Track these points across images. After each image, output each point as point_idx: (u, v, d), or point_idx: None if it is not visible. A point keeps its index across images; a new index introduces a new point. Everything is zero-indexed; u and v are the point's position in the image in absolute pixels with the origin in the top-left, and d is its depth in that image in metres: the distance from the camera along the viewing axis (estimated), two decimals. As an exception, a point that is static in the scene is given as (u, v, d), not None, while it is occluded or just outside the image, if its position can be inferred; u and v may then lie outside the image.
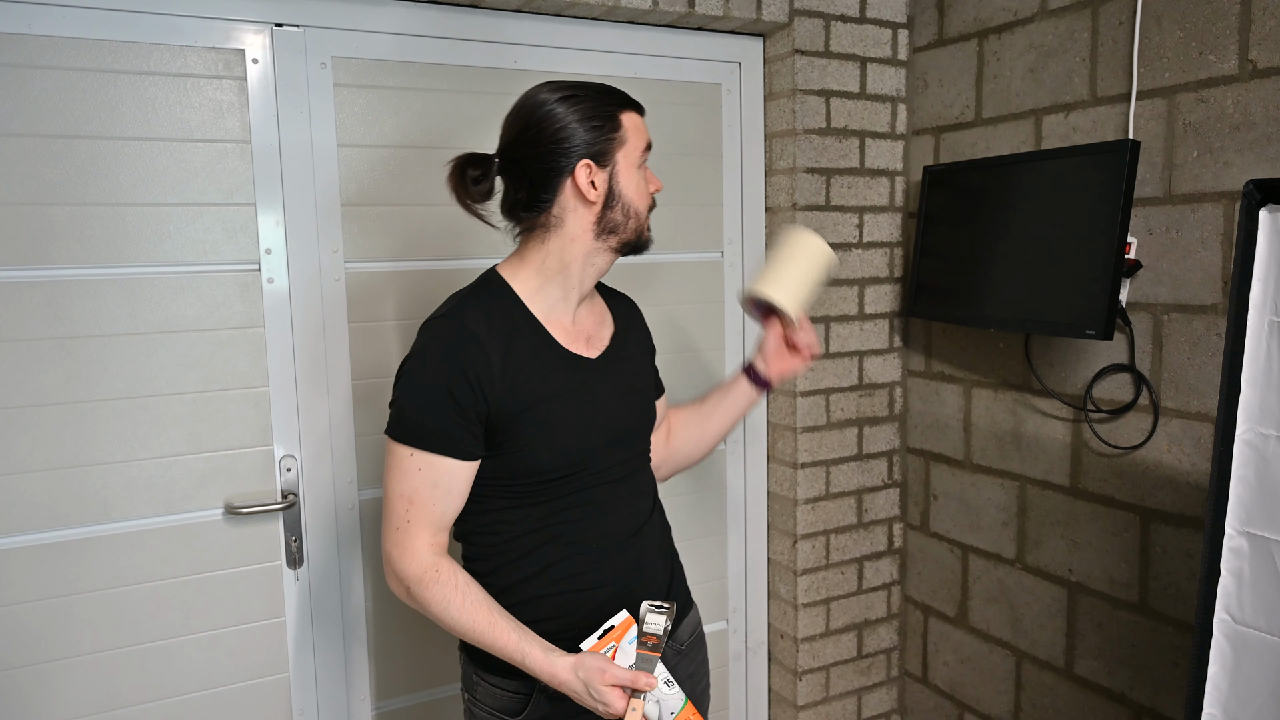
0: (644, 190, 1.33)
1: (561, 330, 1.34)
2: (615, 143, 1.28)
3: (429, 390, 1.23)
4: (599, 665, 1.19)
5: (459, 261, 2.00)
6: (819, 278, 1.48)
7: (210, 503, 1.80)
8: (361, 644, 1.98)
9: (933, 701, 2.48)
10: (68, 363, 1.67)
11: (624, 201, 1.30)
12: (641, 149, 1.32)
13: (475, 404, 1.23)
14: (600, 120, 1.28)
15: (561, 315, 1.35)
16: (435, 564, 1.25)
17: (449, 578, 1.25)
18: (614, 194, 1.29)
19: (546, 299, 1.33)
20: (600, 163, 1.28)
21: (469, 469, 1.27)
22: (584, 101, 1.28)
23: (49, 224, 1.64)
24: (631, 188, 1.31)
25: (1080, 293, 1.82)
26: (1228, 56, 1.67)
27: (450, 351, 1.23)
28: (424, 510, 1.25)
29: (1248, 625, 1.19)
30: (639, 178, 1.32)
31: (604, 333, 1.41)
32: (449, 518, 1.29)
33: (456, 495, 1.27)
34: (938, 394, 2.38)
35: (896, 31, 2.35)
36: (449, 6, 1.94)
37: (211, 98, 1.75)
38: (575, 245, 1.31)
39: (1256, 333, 1.18)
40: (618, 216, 1.31)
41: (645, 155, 1.33)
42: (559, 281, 1.33)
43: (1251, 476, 1.18)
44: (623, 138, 1.29)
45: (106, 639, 1.73)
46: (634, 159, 1.31)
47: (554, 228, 1.31)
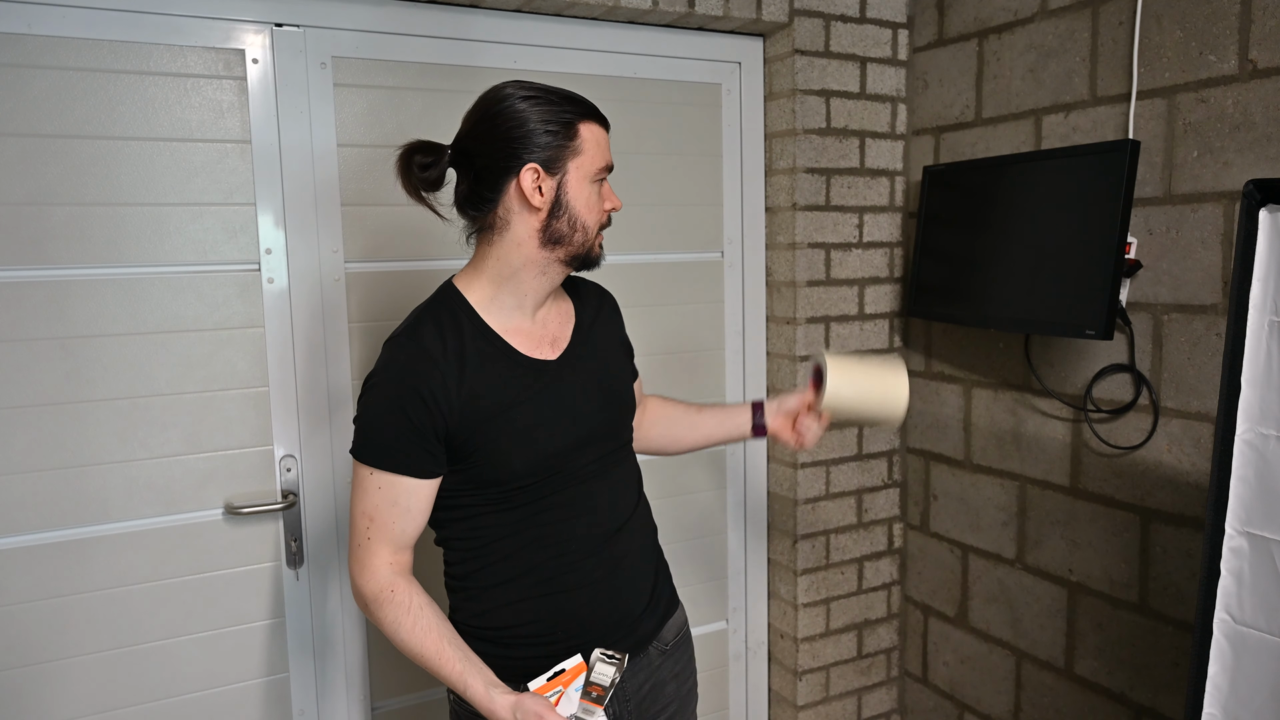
0: (595, 206, 1.28)
1: (521, 336, 1.32)
2: (568, 151, 1.24)
3: (386, 411, 1.23)
4: (537, 710, 1.17)
5: (459, 261, 1.99)
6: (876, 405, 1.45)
7: (210, 503, 1.80)
8: (361, 644, 1.98)
9: (933, 701, 2.48)
10: (68, 363, 1.67)
11: (571, 213, 1.26)
12: (599, 165, 1.27)
13: (432, 423, 1.22)
14: (556, 126, 1.24)
15: (520, 321, 1.33)
16: (392, 584, 1.26)
17: (403, 599, 1.25)
18: (560, 203, 1.25)
19: (502, 306, 1.31)
20: (550, 169, 1.24)
21: (429, 486, 1.27)
22: (544, 104, 1.24)
23: (49, 224, 1.64)
24: (581, 201, 1.26)
25: (1080, 293, 1.82)
26: (1228, 56, 1.67)
27: (405, 372, 1.23)
28: (383, 528, 1.26)
29: (1248, 625, 1.19)
30: (591, 192, 1.27)
31: (565, 331, 1.38)
32: (409, 536, 1.28)
33: (416, 513, 1.27)
34: (938, 394, 2.38)
35: (896, 31, 2.35)
36: (449, 6, 1.94)
37: (211, 98, 1.75)
38: (521, 251, 1.28)
39: (1256, 333, 1.18)
40: (563, 227, 1.26)
41: (603, 173, 1.29)
42: (511, 289, 1.30)
43: (1251, 476, 1.18)
44: (578, 148, 1.25)
45: (106, 639, 1.73)
46: (587, 172, 1.26)
47: (499, 230, 1.28)
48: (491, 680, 1.23)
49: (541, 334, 1.35)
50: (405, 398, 1.22)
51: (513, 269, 1.29)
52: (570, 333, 1.38)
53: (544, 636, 1.31)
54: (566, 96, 1.27)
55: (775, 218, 2.34)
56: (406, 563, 1.30)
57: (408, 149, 1.30)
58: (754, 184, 2.35)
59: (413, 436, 1.22)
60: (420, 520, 1.29)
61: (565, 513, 1.32)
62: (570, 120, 1.24)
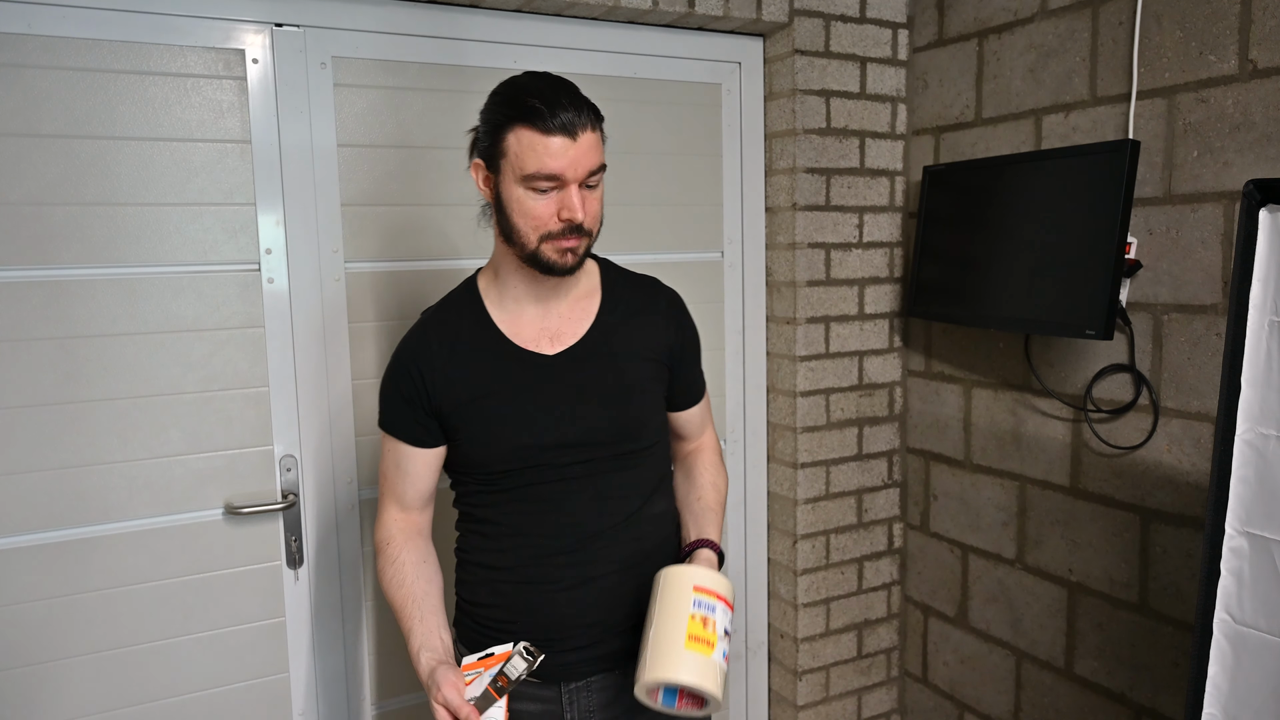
0: (531, 212, 1.22)
1: (520, 326, 1.33)
2: (498, 152, 1.22)
3: (388, 383, 1.36)
4: (444, 681, 1.21)
5: (459, 261, 2.00)
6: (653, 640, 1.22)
7: (210, 503, 1.80)
8: (361, 644, 1.98)
9: (933, 701, 2.48)
10: (68, 363, 1.67)
11: (508, 215, 1.24)
12: (528, 171, 1.19)
13: (420, 398, 1.32)
14: (489, 125, 1.24)
15: (521, 311, 1.34)
16: (389, 537, 1.38)
17: (393, 553, 1.37)
18: (500, 202, 1.25)
19: (502, 295, 1.34)
20: (489, 166, 1.25)
21: (425, 455, 1.36)
22: (497, 101, 1.24)
23: (49, 224, 1.64)
24: (514, 205, 1.23)
25: (1080, 293, 1.82)
26: (1228, 56, 1.67)
27: (406, 348, 1.35)
28: (390, 487, 1.39)
29: (1248, 625, 1.19)
30: (523, 197, 1.22)
31: (577, 329, 1.35)
32: (410, 498, 1.38)
33: (415, 479, 1.37)
34: (938, 394, 2.38)
35: (896, 31, 2.35)
36: (449, 6, 1.94)
37: (211, 98, 1.75)
38: (498, 244, 1.31)
39: (1256, 333, 1.18)
40: (505, 227, 1.26)
41: (543, 181, 1.20)
42: (502, 279, 1.34)
43: (1251, 476, 1.18)
44: (504, 150, 1.21)
45: (106, 639, 1.73)
46: (514, 177, 1.21)
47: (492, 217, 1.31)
48: (427, 643, 1.28)
49: (540, 328, 1.34)
50: (399, 373, 1.34)
51: (498, 260, 1.34)
52: (584, 330, 1.35)
53: (507, 623, 1.34)
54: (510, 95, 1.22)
55: (775, 218, 2.34)
56: (416, 523, 1.41)
57: None
58: (754, 184, 2.35)
59: (406, 408, 1.33)
60: (421, 486, 1.38)
61: (542, 507, 1.33)
62: (500, 123, 1.21)
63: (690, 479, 1.52)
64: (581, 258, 1.28)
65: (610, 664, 1.36)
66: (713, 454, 1.54)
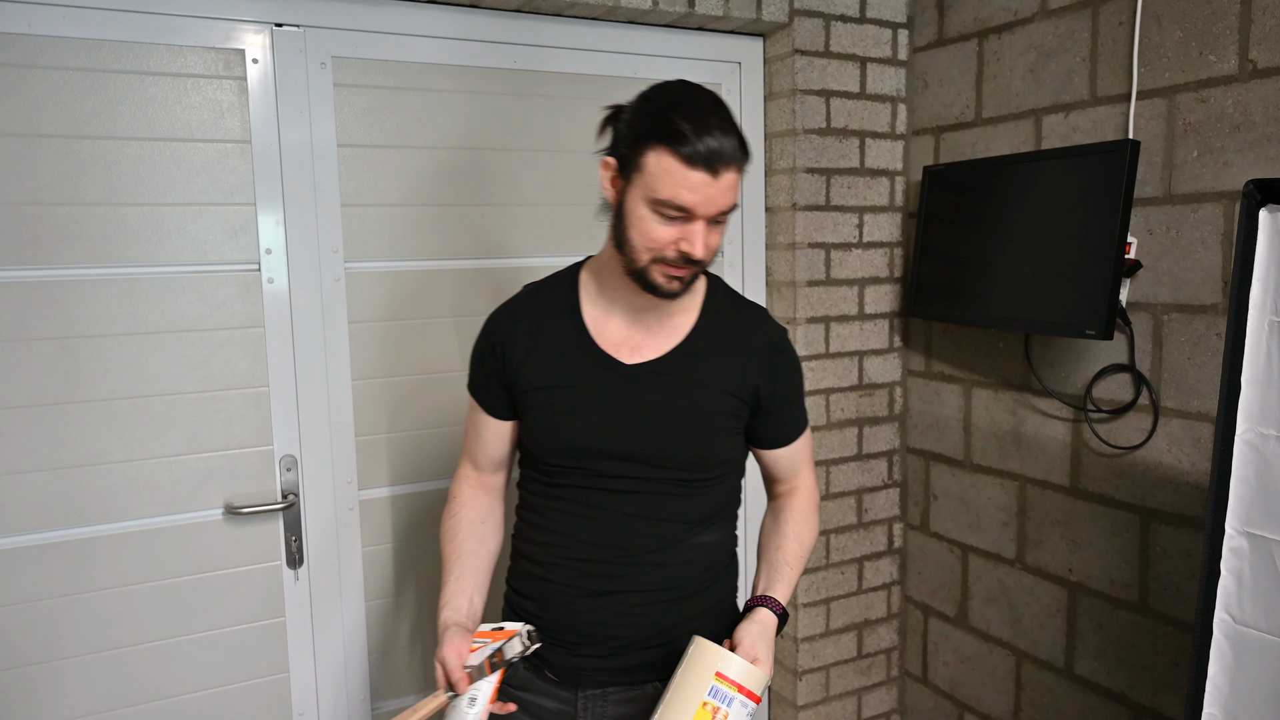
0: (650, 234, 1.18)
1: (606, 327, 1.31)
2: (633, 165, 1.18)
3: (475, 352, 1.40)
4: (449, 643, 1.24)
5: (459, 261, 2.00)
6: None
7: (210, 503, 1.80)
8: (361, 644, 1.98)
9: (933, 701, 2.48)
10: (68, 363, 1.67)
11: (624, 227, 1.21)
12: (659, 196, 1.15)
13: (499, 372, 1.34)
14: (632, 134, 1.19)
15: (611, 312, 1.32)
16: (458, 491, 1.44)
17: (456, 508, 1.42)
18: (620, 211, 1.22)
19: (597, 290, 1.33)
20: (622, 172, 1.21)
21: (498, 425, 1.39)
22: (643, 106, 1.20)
23: (49, 224, 1.64)
24: (635, 221, 1.19)
25: (1080, 293, 1.82)
26: (1228, 56, 1.67)
27: (496, 320, 1.38)
28: (468, 446, 1.45)
29: (1248, 625, 1.19)
30: (646, 217, 1.18)
31: (661, 345, 1.31)
32: (483, 459, 1.43)
33: (489, 445, 1.41)
34: (938, 394, 2.38)
35: (896, 31, 2.35)
36: (449, 6, 1.94)
37: (211, 98, 1.75)
38: (609, 244, 1.28)
39: (1256, 333, 1.18)
40: (619, 235, 1.23)
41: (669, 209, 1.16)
42: (604, 278, 1.32)
43: (1251, 476, 1.18)
44: (641, 166, 1.16)
45: (106, 639, 1.73)
46: (643, 195, 1.17)
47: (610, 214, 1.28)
48: (452, 601, 1.31)
49: (626, 335, 1.31)
50: (484, 342, 1.38)
51: (605, 258, 1.32)
52: (668, 348, 1.31)
53: (535, 616, 1.35)
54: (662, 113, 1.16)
55: (775, 218, 2.34)
56: (486, 482, 1.45)
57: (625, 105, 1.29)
58: (754, 184, 2.35)
59: (486, 377, 1.37)
60: (494, 453, 1.42)
61: (583, 511, 1.31)
62: (644, 137, 1.16)
63: (775, 524, 1.44)
64: (687, 285, 1.24)
65: (630, 678, 1.33)
66: (805, 501, 1.45)
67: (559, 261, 2.08)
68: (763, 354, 1.34)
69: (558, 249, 2.10)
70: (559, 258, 2.09)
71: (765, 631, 1.28)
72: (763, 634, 1.27)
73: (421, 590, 2.04)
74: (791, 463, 1.44)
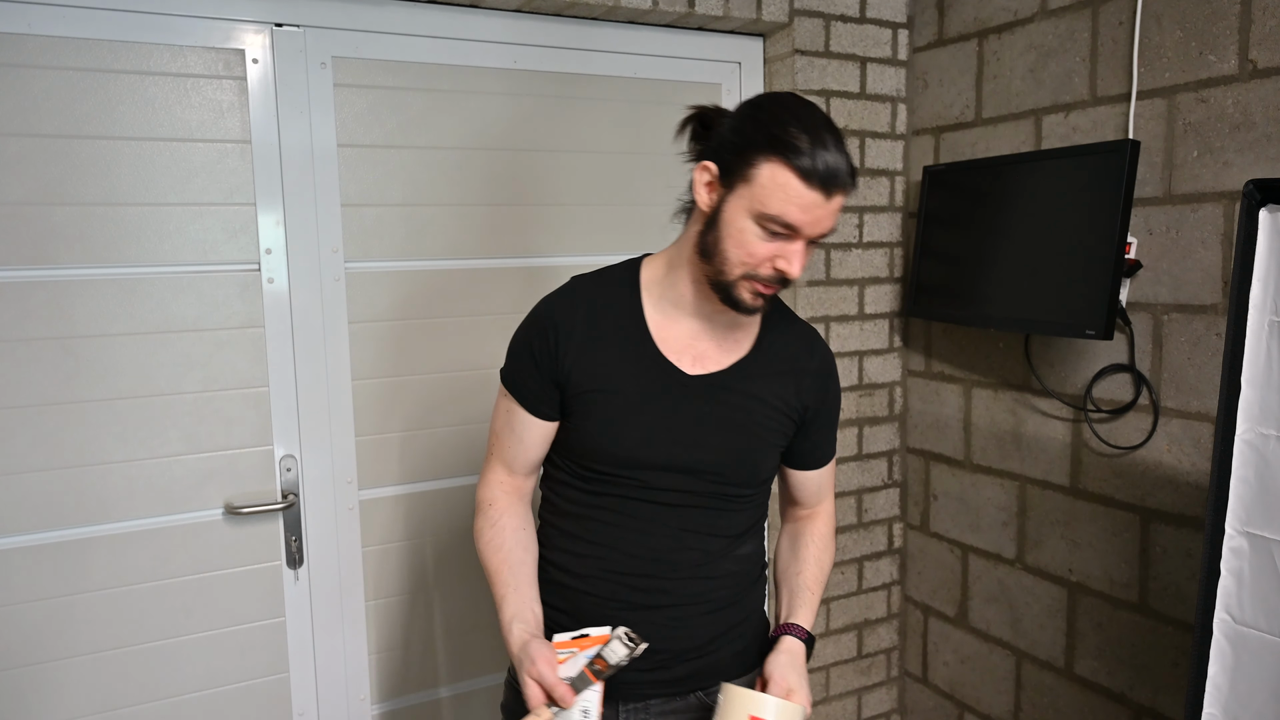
0: (748, 248, 1.14)
1: (670, 333, 1.25)
2: (740, 175, 1.12)
3: (520, 342, 1.29)
4: (539, 656, 1.16)
5: (460, 261, 2.00)
6: None
7: (210, 503, 1.80)
8: (361, 644, 1.98)
9: (933, 701, 2.48)
10: (68, 363, 1.67)
11: (719, 235, 1.15)
12: (768, 211, 1.10)
13: (550, 368, 1.25)
14: (742, 141, 1.13)
15: (676, 319, 1.26)
16: (493, 498, 1.33)
17: (494, 515, 1.31)
18: (716, 219, 1.15)
19: (663, 293, 1.26)
20: (722, 179, 1.15)
21: (542, 426, 1.29)
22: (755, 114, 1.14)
23: (49, 224, 1.64)
24: (733, 232, 1.14)
25: (1080, 293, 1.82)
26: (1228, 56, 1.67)
27: (547, 311, 1.27)
28: (501, 448, 1.33)
29: (1248, 625, 1.19)
30: (746, 229, 1.13)
31: (724, 358, 1.27)
32: (520, 463, 1.32)
33: (529, 445, 1.30)
34: (938, 394, 2.38)
35: (896, 31, 2.35)
36: (449, 6, 1.94)
37: (211, 98, 1.75)
38: (688, 247, 1.22)
39: (1256, 333, 1.18)
40: (709, 244, 1.16)
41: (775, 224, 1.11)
42: (674, 280, 1.25)
43: (1251, 476, 1.18)
44: (750, 177, 1.11)
45: (106, 639, 1.73)
46: (750, 209, 1.12)
47: (691, 219, 1.23)
48: (520, 615, 1.23)
49: (689, 343, 1.26)
50: (535, 330, 1.27)
51: (681, 260, 1.25)
52: (730, 361, 1.27)
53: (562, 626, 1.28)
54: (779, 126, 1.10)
55: (775, 218, 2.34)
56: (520, 486, 1.35)
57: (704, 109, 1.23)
58: (754, 184, 2.35)
59: (534, 371, 1.26)
60: (532, 455, 1.32)
61: (627, 523, 1.26)
62: (758, 146, 1.10)
63: (795, 549, 1.42)
64: (770, 303, 1.22)
65: (671, 689, 1.30)
66: (825, 525, 1.44)
67: (560, 261, 2.09)
68: (817, 374, 1.33)
69: (558, 249, 2.10)
70: (559, 258, 2.09)
71: (795, 660, 1.27)
72: (792, 663, 1.26)
73: (422, 590, 2.04)
74: (819, 486, 1.42)
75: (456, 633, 2.08)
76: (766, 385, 1.29)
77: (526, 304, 2.05)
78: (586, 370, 1.24)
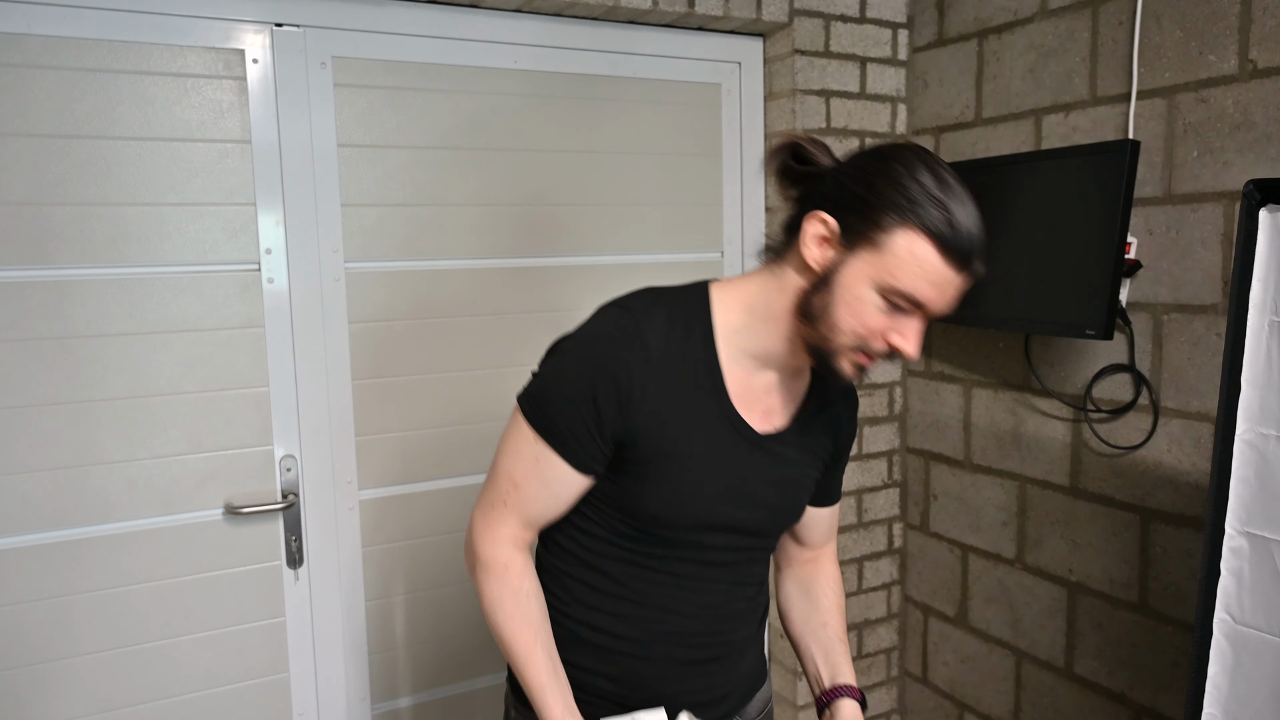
0: (865, 320, 1.01)
1: (744, 388, 1.12)
2: (867, 238, 0.99)
3: (575, 384, 1.07)
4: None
5: (460, 261, 2.00)
6: None
7: (210, 503, 1.80)
8: (361, 644, 1.98)
9: (933, 701, 2.48)
10: (68, 363, 1.67)
11: (830, 300, 1.01)
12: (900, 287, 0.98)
13: (615, 424, 1.07)
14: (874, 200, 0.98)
15: (753, 372, 1.13)
16: (509, 559, 1.13)
17: (515, 581, 1.13)
18: (829, 281, 1.01)
19: (741, 343, 1.11)
20: (843, 237, 1.00)
21: (582, 483, 1.12)
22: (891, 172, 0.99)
23: (49, 224, 1.64)
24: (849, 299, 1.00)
25: (1080, 293, 1.82)
26: (1228, 56, 1.67)
27: (612, 353, 1.06)
28: (524, 501, 1.12)
29: (1248, 625, 1.19)
30: (867, 299, 1.00)
31: (786, 410, 1.18)
32: (545, 519, 1.15)
33: (562, 501, 1.13)
34: (938, 394, 2.38)
35: (896, 31, 2.35)
36: (449, 6, 1.94)
37: (211, 98, 1.75)
38: (781, 299, 1.07)
39: (1256, 333, 1.18)
40: (817, 307, 1.03)
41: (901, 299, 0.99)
42: (756, 331, 1.10)
43: (1251, 476, 1.18)
44: (881, 244, 0.98)
45: (106, 639, 1.73)
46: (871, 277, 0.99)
47: (783, 264, 1.08)
48: (571, 705, 1.11)
49: (761, 397, 1.15)
50: (599, 381, 1.05)
51: (767, 311, 1.09)
52: (791, 413, 1.18)
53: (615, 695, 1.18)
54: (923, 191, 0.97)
55: (775, 218, 2.34)
56: (531, 540, 1.17)
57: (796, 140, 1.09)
58: (754, 184, 2.35)
59: (591, 424, 1.07)
60: (562, 510, 1.15)
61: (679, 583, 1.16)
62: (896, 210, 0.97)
63: (812, 599, 1.33)
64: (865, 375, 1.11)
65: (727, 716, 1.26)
66: (835, 568, 1.37)
67: (560, 261, 2.09)
68: (845, 411, 1.27)
69: (559, 249, 2.10)
70: (560, 258, 2.09)
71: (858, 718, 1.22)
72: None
73: (422, 590, 2.04)
74: (829, 525, 1.36)
75: (456, 633, 2.08)
76: (815, 436, 1.22)
77: (526, 303, 2.07)
78: (657, 431, 1.08)
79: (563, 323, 2.11)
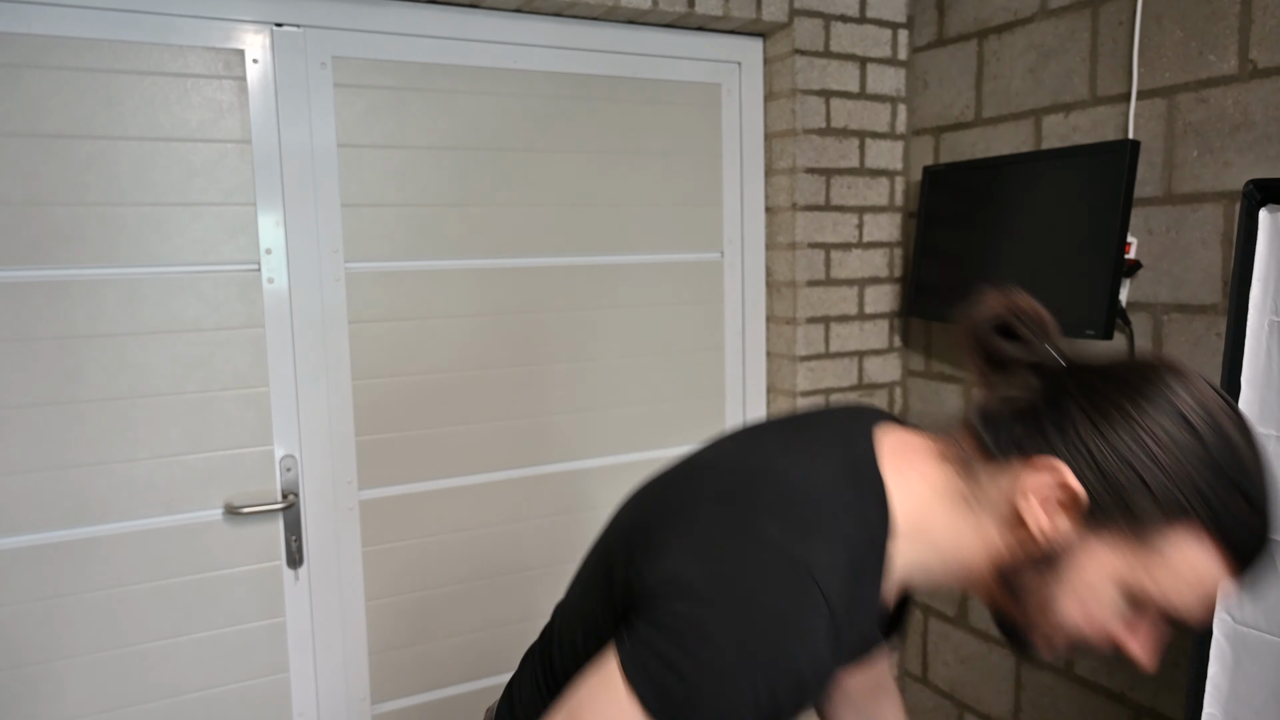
0: (1097, 620, 0.77)
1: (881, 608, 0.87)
2: (1130, 532, 0.73)
3: (745, 689, 0.72)
4: None
5: (460, 261, 2.00)
6: None
7: (210, 503, 1.80)
8: (361, 644, 1.98)
9: (933, 701, 2.48)
10: (68, 362, 1.67)
11: (1051, 586, 0.76)
12: (1164, 603, 0.75)
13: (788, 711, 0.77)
14: (1164, 493, 0.71)
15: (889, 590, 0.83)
16: None
17: None
18: (1058, 560, 0.75)
19: (912, 574, 0.83)
20: (1093, 513, 0.73)
21: None
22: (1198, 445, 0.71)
23: (49, 224, 1.64)
24: (1083, 593, 0.76)
25: (1080, 293, 1.82)
26: (1228, 56, 1.67)
27: (807, 659, 0.74)
28: None
29: (1248, 625, 1.19)
30: (1112, 602, 0.76)
31: None
32: None
33: None
34: (938, 394, 2.38)
35: (896, 31, 2.35)
36: (449, 6, 1.94)
37: (211, 98, 1.75)
38: (977, 544, 0.80)
39: (1256, 333, 1.18)
40: (1029, 585, 0.78)
41: (1149, 608, 0.76)
42: (933, 575, 0.84)
43: (1251, 476, 1.18)
44: (1154, 546, 0.72)
45: (106, 639, 1.73)
46: (1122, 576, 0.74)
47: (983, 499, 0.79)
48: None
49: None
50: (781, 680, 0.73)
51: (956, 557, 0.82)
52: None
53: None
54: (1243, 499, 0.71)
55: (775, 218, 2.34)
56: None
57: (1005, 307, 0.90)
58: (754, 184, 2.35)
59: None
60: None
61: None
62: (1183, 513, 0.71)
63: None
64: None
65: None
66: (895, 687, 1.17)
67: (560, 261, 2.09)
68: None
69: (559, 248, 2.10)
70: (561, 257, 2.09)
71: None
72: None
73: (422, 590, 2.04)
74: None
75: (456, 633, 2.08)
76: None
77: (526, 303, 2.07)
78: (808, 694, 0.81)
79: (563, 322, 2.13)
